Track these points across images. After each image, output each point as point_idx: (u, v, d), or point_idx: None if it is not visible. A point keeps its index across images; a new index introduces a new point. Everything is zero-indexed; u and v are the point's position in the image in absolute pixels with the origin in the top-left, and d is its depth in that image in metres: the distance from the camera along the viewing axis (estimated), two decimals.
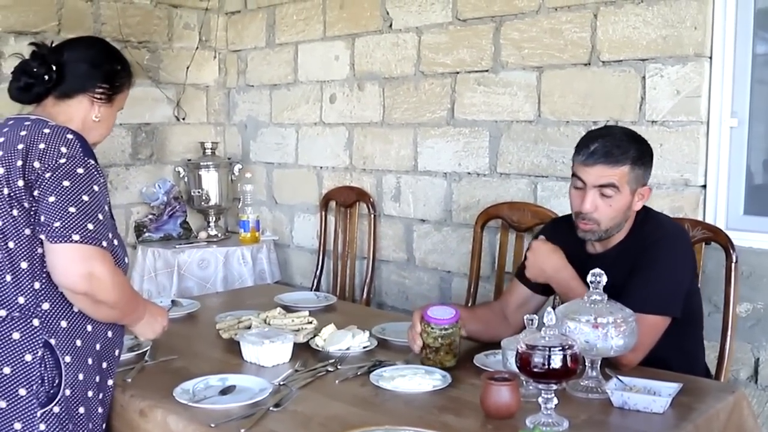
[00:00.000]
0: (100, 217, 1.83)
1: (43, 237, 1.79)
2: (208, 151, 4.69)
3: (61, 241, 1.76)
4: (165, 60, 4.70)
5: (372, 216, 4.10)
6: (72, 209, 1.79)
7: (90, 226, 1.79)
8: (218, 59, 4.99)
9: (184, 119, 4.82)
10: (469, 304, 3.32)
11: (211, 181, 4.64)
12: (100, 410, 1.94)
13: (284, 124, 4.68)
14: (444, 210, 3.83)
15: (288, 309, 2.78)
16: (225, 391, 2.01)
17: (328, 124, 4.41)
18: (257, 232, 4.48)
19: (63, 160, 1.84)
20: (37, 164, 1.83)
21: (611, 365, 2.08)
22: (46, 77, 1.98)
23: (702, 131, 2.96)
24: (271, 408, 1.88)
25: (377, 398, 1.99)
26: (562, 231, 2.43)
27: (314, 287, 4.32)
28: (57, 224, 1.77)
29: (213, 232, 4.63)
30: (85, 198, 1.82)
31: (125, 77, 2.12)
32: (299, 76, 4.56)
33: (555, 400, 1.76)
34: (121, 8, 4.46)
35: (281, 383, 2.07)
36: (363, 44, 4.16)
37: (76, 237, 1.77)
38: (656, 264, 2.22)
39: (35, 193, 1.81)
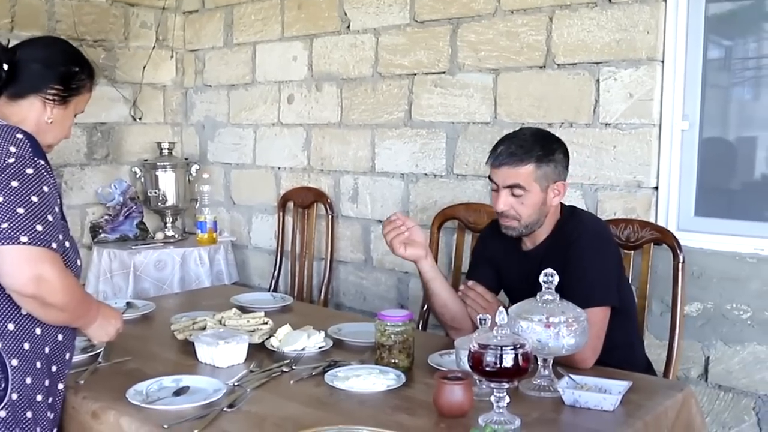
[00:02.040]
0: (50, 218, 1.79)
1: None
2: (165, 152, 4.66)
3: (8, 243, 1.72)
4: (121, 59, 4.65)
5: (330, 217, 4.10)
6: (20, 210, 1.74)
7: (39, 228, 1.75)
8: (175, 59, 4.96)
9: (140, 119, 4.78)
10: (425, 307, 3.34)
11: (168, 182, 4.61)
12: (50, 415, 1.90)
13: (242, 124, 4.66)
14: (401, 211, 3.83)
15: (244, 310, 2.78)
16: (179, 392, 2.00)
17: (286, 125, 4.40)
18: (215, 232, 4.46)
19: (12, 160, 1.79)
20: None
21: (566, 366, 2.10)
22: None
23: (654, 134, 3.01)
24: (225, 409, 1.87)
25: (331, 398, 1.99)
26: (498, 232, 2.53)
27: (272, 288, 4.31)
28: (4, 225, 1.72)
29: (170, 233, 4.60)
30: (34, 199, 1.77)
31: (84, 80, 2.04)
32: (257, 77, 4.55)
33: (507, 399, 1.77)
34: (76, 6, 4.42)
35: (236, 384, 2.06)
36: (321, 45, 4.16)
37: (24, 239, 1.72)
38: (581, 260, 2.30)
39: None
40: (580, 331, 1.98)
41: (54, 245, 1.77)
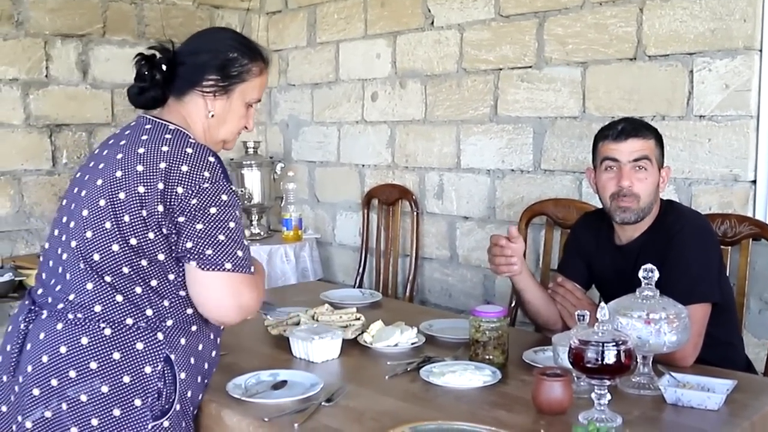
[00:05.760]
0: (245, 242, 1.84)
1: (193, 263, 1.77)
2: (251, 150, 4.72)
3: (214, 269, 1.76)
4: None
5: (415, 213, 4.10)
6: (221, 237, 1.77)
7: (240, 254, 1.79)
8: None
9: None
10: (513, 303, 3.31)
11: (253, 180, 4.66)
12: (192, 424, 1.92)
13: (326, 122, 4.70)
14: (487, 207, 3.82)
15: (335, 306, 2.79)
16: (277, 386, 2.02)
17: (369, 122, 4.42)
18: (300, 230, 4.50)
19: (207, 185, 1.79)
20: (180, 189, 1.76)
21: (665, 364, 2.05)
22: (157, 77, 1.90)
23: (752, 125, 2.92)
24: (323, 403, 1.89)
25: (428, 394, 1.99)
26: (591, 225, 2.54)
27: (357, 285, 4.32)
28: (209, 252, 1.76)
29: (256, 231, 4.65)
30: (232, 225, 1.80)
31: (246, 64, 1.94)
32: (341, 75, 4.57)
33: (608, 396, 1.74)
34: (164, 10, 4.52)
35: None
36: (404, 42, 4.16)
37: (228, 265, 1.76)
38: (685, 253, 2.24)
39: (180, 219, 1.77)
40: (681, 328, 1.94)
41: (252, 269, 1.83)
